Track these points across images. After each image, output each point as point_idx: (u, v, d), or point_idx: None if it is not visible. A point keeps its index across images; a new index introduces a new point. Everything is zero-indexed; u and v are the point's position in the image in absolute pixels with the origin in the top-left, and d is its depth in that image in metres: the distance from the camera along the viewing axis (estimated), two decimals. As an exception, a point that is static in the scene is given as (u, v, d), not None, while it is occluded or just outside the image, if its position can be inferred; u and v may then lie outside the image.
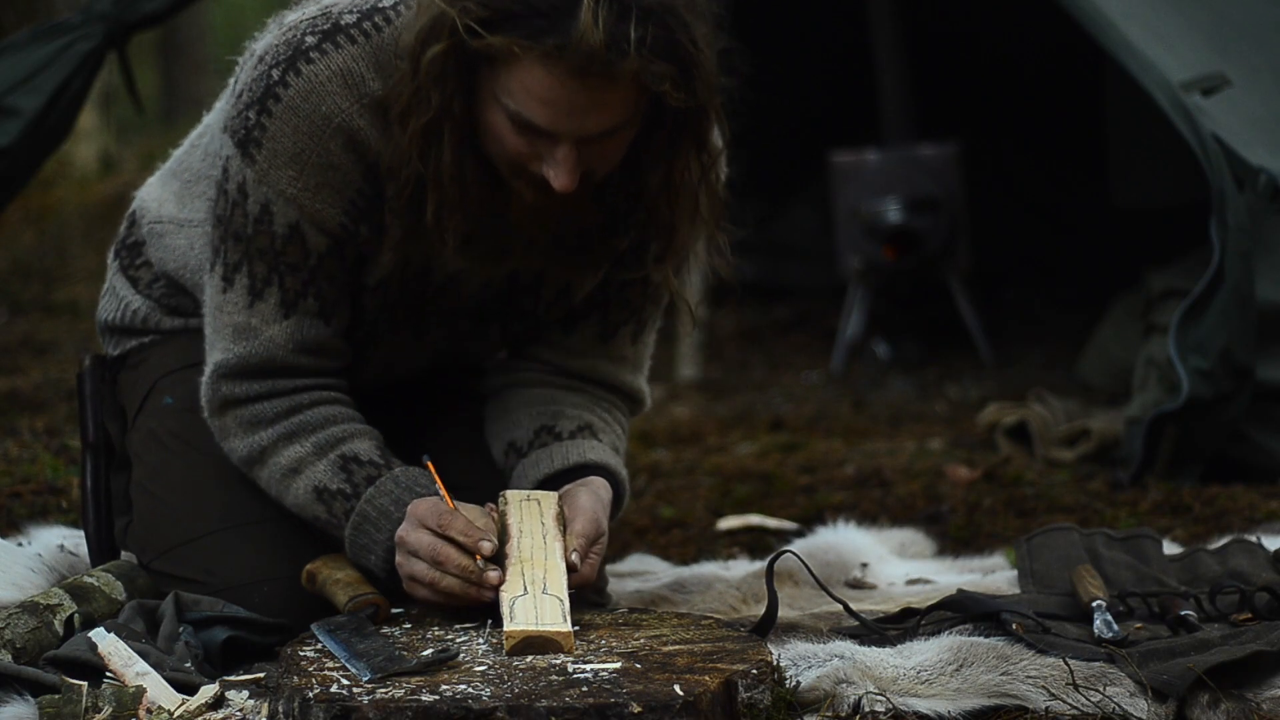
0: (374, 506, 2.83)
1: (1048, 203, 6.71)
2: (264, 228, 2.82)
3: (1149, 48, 4.38)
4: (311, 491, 2.87)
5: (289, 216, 2.81)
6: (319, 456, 2.87)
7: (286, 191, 2.80)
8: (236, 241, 2.84)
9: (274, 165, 2.79)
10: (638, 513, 4.21)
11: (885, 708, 2.63)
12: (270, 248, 2.83)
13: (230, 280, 2.86)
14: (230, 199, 2.84)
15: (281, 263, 2.84)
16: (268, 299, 2.85)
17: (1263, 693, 2.64)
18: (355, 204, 2.83)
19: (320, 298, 2.87)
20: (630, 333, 3.07)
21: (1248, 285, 4.18)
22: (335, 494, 2.85)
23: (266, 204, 2.81)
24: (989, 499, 4.25)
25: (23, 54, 4.53)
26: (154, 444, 3.05)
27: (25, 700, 2.62)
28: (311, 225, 2.82)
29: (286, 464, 2.88)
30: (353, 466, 2.86)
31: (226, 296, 2.87)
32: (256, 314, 2.86)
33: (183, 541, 2.96)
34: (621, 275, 3.00)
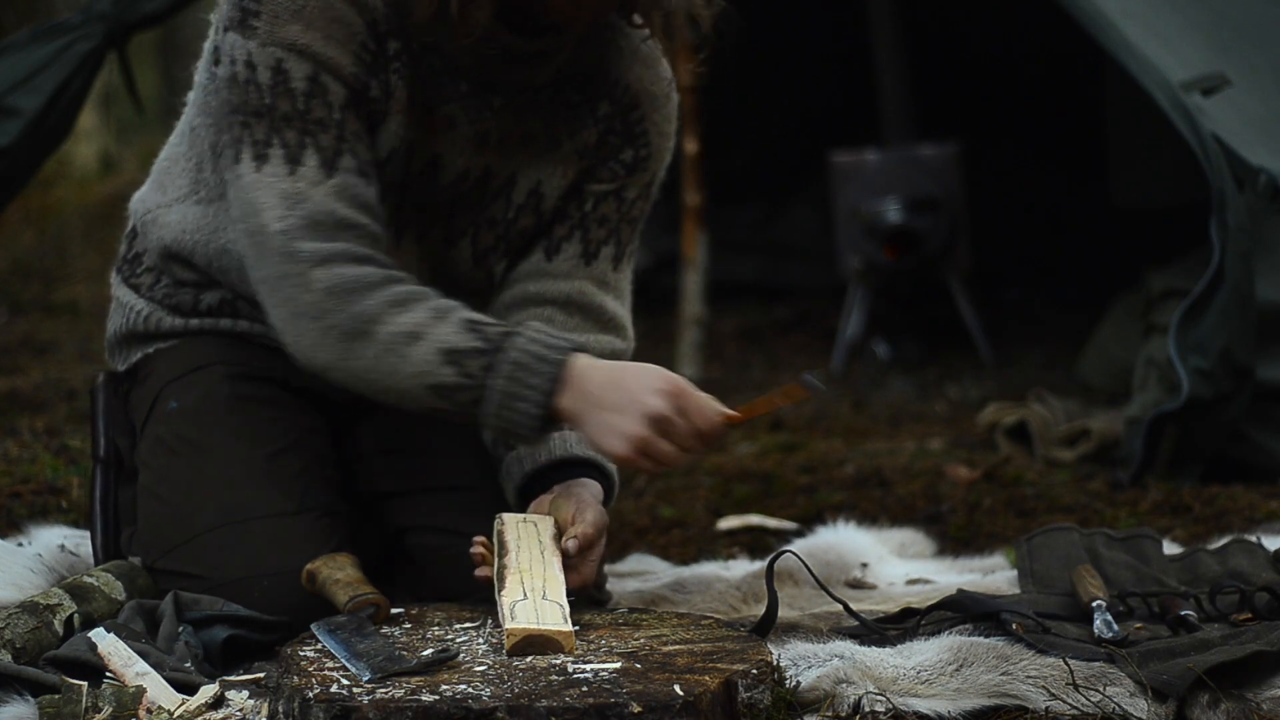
0: (525, 352, 2.75)
1: (1048, 203, 6.72)
2: (282, 89, 2.81)
3: (1149, 48, 4.38)
4: (438, 353, 2.75)
5: (304, 69, 2.81)
6: (440, 320, 2.78)
7: (297, 43, 2.80)
8: (258, 117, 2.82)
9: (277, 25, 2.80)
10: (638, 513, 4.21)
11: (885, 708, 2.63)
12: (293, 110, 2.81)
13: (264, 156, 2.82)
14: (240, 80, 2.82)
15: (309, 121, 2.81)
16: (306, 162, 2.82)
17: (1263, 693, 2.64)
18: (361, 56, 2.84)
19: (355, 156, 2.84)
20: (611, 255, 3.09)
21: (1248, 285, 4.18)
22: (468, 351, 2.75)
23: (278, 63, 2.81)
24: (989, 499, 4.25)
25: (23, 54, 4.54)
26: (160, 448, 3.06)
27: (25, 700, 2.62)
28: (328, 74, 2.82)
29: (405, 329, 2.76)
30: (480, 326, 2.78)
31: (263, 172, 2.81)
32: (301, 179, 2.81)
33: (185, 540, 2.96)
34: (596, 186, 3.05)
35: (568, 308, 3.05)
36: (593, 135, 3.03)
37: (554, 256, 3.07)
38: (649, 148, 3.06)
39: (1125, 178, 4.96)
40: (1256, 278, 4.21)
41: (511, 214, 3.04)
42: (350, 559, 2.86)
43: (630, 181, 3.07)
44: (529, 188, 3.04)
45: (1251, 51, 4.75)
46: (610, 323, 3.10)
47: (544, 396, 2.74)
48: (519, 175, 3.02)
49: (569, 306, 3.05)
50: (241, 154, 2.84)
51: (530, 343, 2.76)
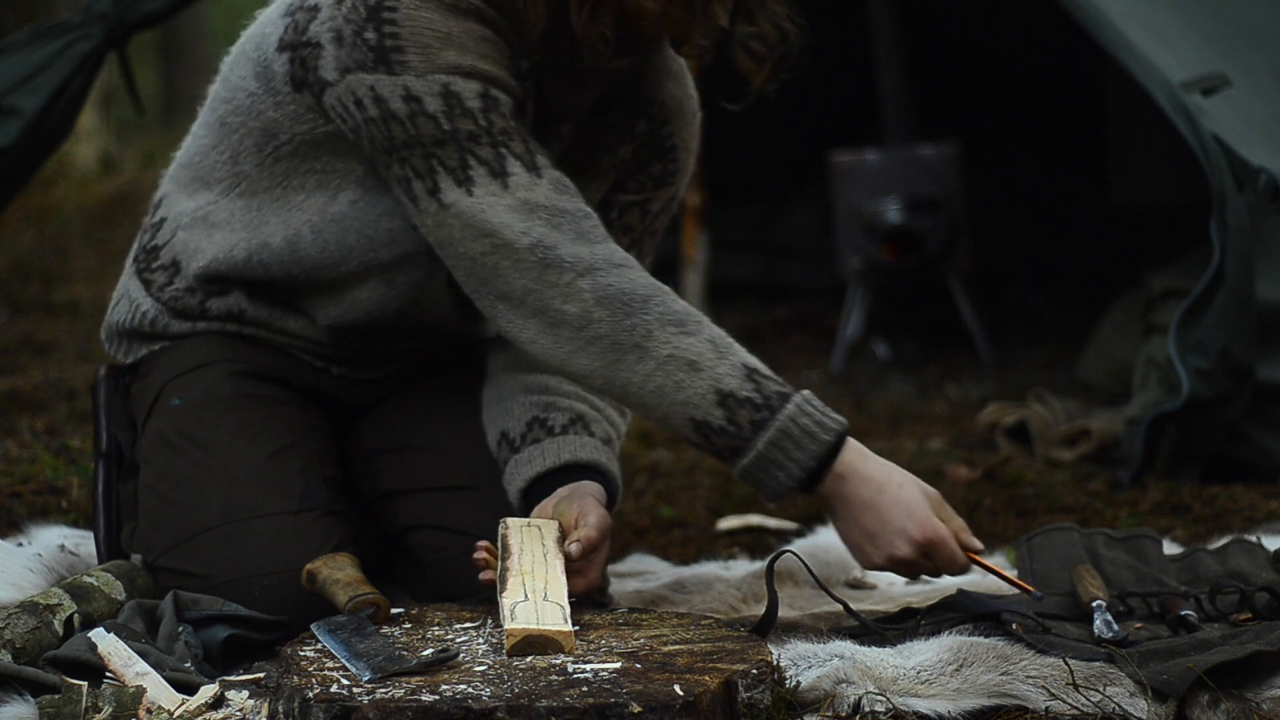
0: (797, 425, 2.75)
1: (1048, 203, 6.71)
2: (458, 111, 2.79)
3: (1149, 48, 4.38)
4: (713, 392, 2.75)
5: (474, 87, 2.79)
6: (720, 357, 2.78)
7: (460, 65, 2.79)
8: (442, 145, 2.79)
9: (430, 54, 2.78)
10: (638, 513, 4.21)
11: (885, 708, 2.63)
12: (477, 128, 2.79)
13: (468, 179, 2.79)
14: (401, 118, 2.79)
15: (495, 133, 2.79)
16: (513, 171, 2.80)
17: (1263, 693, 2.64)
18: (515, 70, 2.85)
19: (543, 152, 2.84)
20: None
21: (1248, 285, 4.18)
22: (743, 401, 2.76)
23: (446, 88, 2.79)
24: (989, 499, 4.25)
25: (23, 54, 4.53)
26: (161, 445, 3.06)
27: (25, 700, 2.62)
28: (496, 88, 2.81)
29: (683, 356, 2.75)
30: (758, 377, 2.79)
31: (476, 195, 2.78)
32: (517, 188, 2.79)
33: (186, 537, 2.96)
34: (624, 196, 3.08)
35: None
36: (628, 151, 3.07)
37: None
38: (676, 163, 3.10)
39: (1125, 178, 4.96)
40: (1256, 278, 4.21)
41: None
42: (350, 559, 2.86)
43: (656, 195, 3.11)
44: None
45: (1251, 51, 4.75)
46: None
47: (804, 474, 2.76)
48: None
49: None
50: (440, 184, 2.80)
51: (803, 415, 2.76)
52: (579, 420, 2.99)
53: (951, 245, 6.17)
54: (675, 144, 3.10)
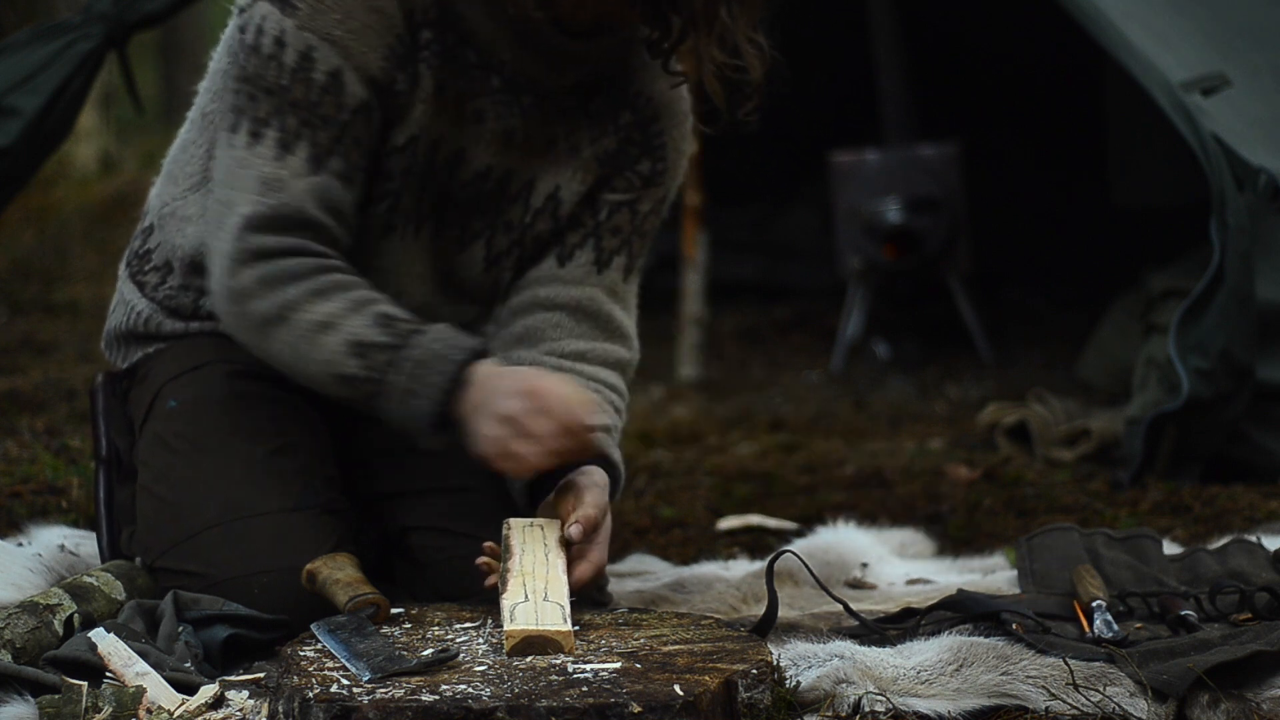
0: (427, 350, 2.80)
1: (1048, 203, 6.71)
2: (302, 76, 2.84)
3: (1149, 48, 4.38)
4: (346, 345, 2.81)
5: (331, 62, 2.84)
6: (355, 312, 2.83)
7: (332, 34, 2.83)
8: (269, 95, 2.85)
9: (318, 10, 2.83)
10: (638, 513, 4.21)
11: (885, 708, 2.63)
12: (305, 98, 2.84)
13: (259, 134, 2.86)
14: (263, 53, 2.85)
15: (314, 115, 2.85)
16: (297, 152, 2.85)
17: (1263, 693, 2.64)
18: (395, 50, 2.87)
19: (346, 160, 2.88)
20: (622, 265, 3.11)
21: (1248, 285, 4.18)
22: (376, 345, 2.80)
23: (308, 50, 2.83)
24: (989, 499, 4.25)
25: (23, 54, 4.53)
26: (159, 447, 3.06)
27: (25, 700, 2.62)
28: (353, 71, 2.85)
29: (319, 318, 2.83)
30: (393, 322, 2.83)
31: (254, 150, 2.86)
32: (286, 166, 2.85)
33: (184, 537, 2.96)
34: (611, 195, 3.07)
35: (576, 314, 3.07)
36: (612, 142, 3.05)
37: (566, 263, 3.09)
38: (665, 162, 3.09)
39: (1125, 178, 4.96)
40: (1256, 278, 4.21)
41: (529, 218, 3.05)
42: (350, 559, 2.86)
43: (645, 194, 3.10)
44: (547, 192, 3.05)
45: (1251, 51, 4.75)
46: (617, 332, 3.11)
47: (441, 394, 2.78)
48: (538, 179, 3.04)
49: (578, 313, 3.07)
50: (240, 124, 2.88)
51: (434, 341, 2.80)
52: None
53: (951, 245, 6.17)
54: (665, 142, 3.09)
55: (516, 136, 2.99)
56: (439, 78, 2.92)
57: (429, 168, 2.98)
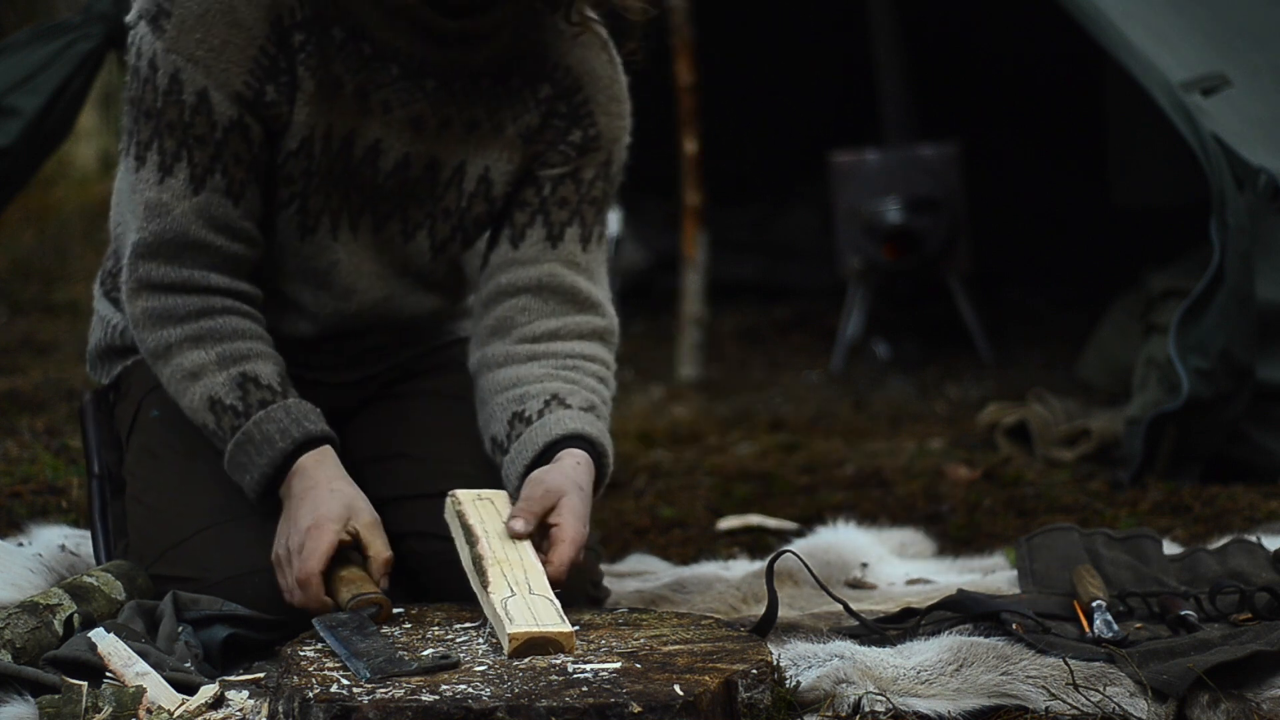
0: (260, 430, 2.88)
1: (1048, 203, 6.71)
2: (173, 99, 2.88)
3: (1149, 48, 4.38)
4: (206, 400, 2.91)
5: (196, 83, 2.87)
6: (221, 368, 2.92)
7: (194, 54, 2.86)
8: (148, 119, 2.90)
9: (182, 30, 2.86)
10: (638, 513, 4.21)
11: (885, 708, 2.63)
12: (179, 120, 2.88)
13: (142, 158, 2.92)
14: (141, 76, 2.90)
15: (190, 135, 2.89)
16: (177, 174, 2.90)
17: (1263, 693, 2.64)
18: (259, 63, 2.88)
19: (227, 175, 2.91)
20: (577, 236, 3.09)
21: (1248, 285, 4.18)
22: (227, 408, 2.90)
23: (175, 72, 2.87)
24: (989, 499, 4.25)
25: (23, 54, 4.53)
26: (145, 457, 3.07)
27: (25, 700, 2.61)
28: (218, 90, 2.88)
29: (189, 367, 2.92)
30: (250, 386, 2.91)
31: (140, 175, 2.92)
32: (167, 189, 2.91)
33: (174, 543, 2.96)
34: (549, 170, 3.06)
35: (540, 293, 3.06)
36: (535, 118, 3.04)
37: (520, 243, 3.08)
38: (596, 128, 3.06)
39: (1125, 178, 4.96)
40: (1256, 278, 4.21)
41: (465, 203, 3.06)
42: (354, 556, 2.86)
43: (584, 162, 3.07)
44: (478, 174, 3.05)
45: (1251, 51, 4.75)
46: (586, 302, 3.09)
47: (263, 479, 2.89)
48: (467, 163, 3.04)
49: (542, 291, 3.06)
50: (129, 147, 2.94)
51: (269, 423, 2.89)
52: (554, 399, 2.98)
53: (951, 245, 6.17)
54: (591, 109, 3.06)
55: (428, 122, 2.98)
56: (328, 75, 2.92)
57: (346, 164, 2.98)
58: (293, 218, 3.00)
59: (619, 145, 3.11)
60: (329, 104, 2.93)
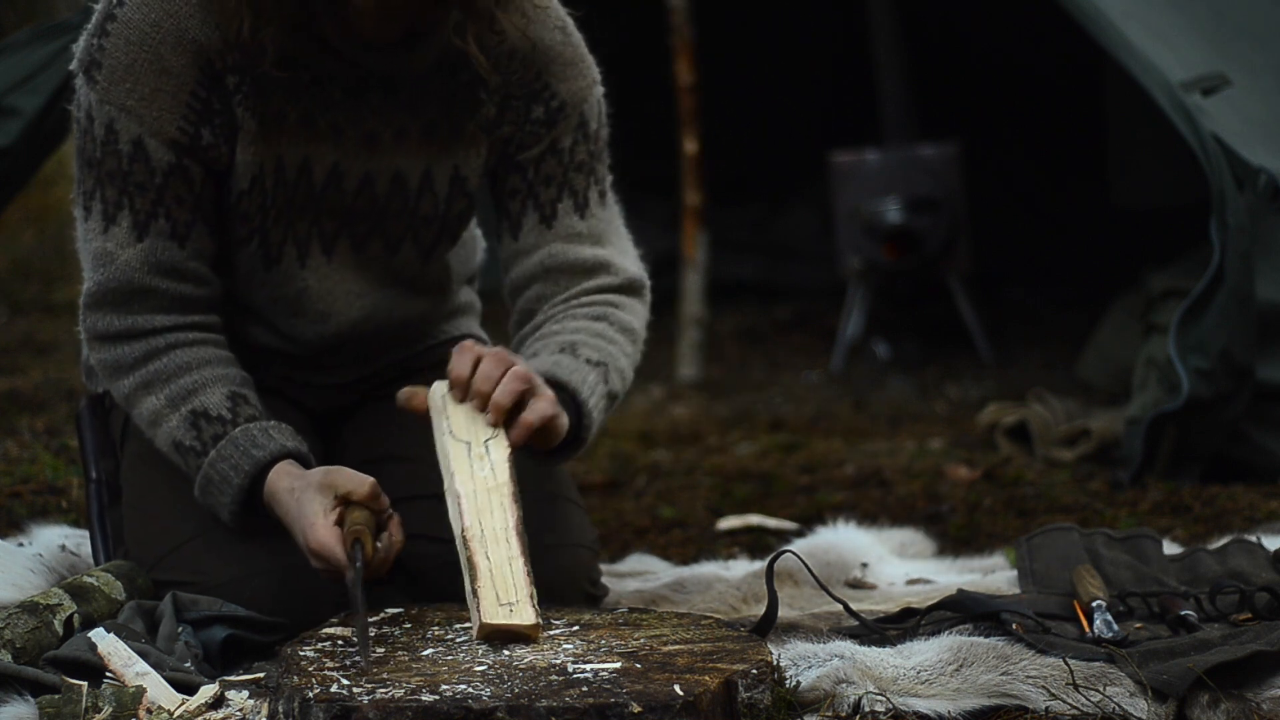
0: (216, 471, 2.89)
1: (1048, 203, 6.72)
2: (111, 148, 2.89)
3: (1149, 48, 4.38)
4: (171, 444, 2.93)
5: (131, 132, 2.88)
6: (172, 410, 2.93)
7: (126, 103, 2.87)
8: (90, 168, 2.92)
9: (113, 81, 2.87)
10: (638, 513, 4.21)
11: (885, 708, 2.63)
12: (118, 169, 2.90)
13: (89, 209, 2.93)
14: (81, 128, 2.92)
15: (130, 183, 2.90)
16: (120, 222, 2.92)
17: (1263, 693, 2.64)
18: (192, 107, 2.89)
19: (170, 219, 2.92)
20: (570, 207, 3.07)
21: (1248, 285, 4.18)
22: (188, 449, 2.91)
23: (110, 122, 2.88)
24: (989, 499, 4.25)
25: (23, 54, 4.53)
26: (139, 464, 3.07)
27: (25, 700, 2.62)
28: (152, 138, 2.89)
29: (148, 415, 2.95)
30: (201, 423, 2.91)
31: (88, 225, 2.94)
32: (112, 238, 2.92)
33: (171, 549, 2.96)
34: (526, 153, 3.04)
35: (547, 277, 3.05)
36: (491, 108, 3.02)
37: (518, 234, 3.07)
38: (558, 98, 3.03)
39: (1125, 178, 4.96)
40: (1256, 278, 4.21)
41: (443, 206, 3.04)
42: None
43: (558, 133, 3.04)
44: (448, 175, 3.03)
45: (1251, 51, 4.75)
46: (595, 268, 3.07)
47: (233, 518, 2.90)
48: (433, 168, 3.01)
49: (547, 276, 3.05)
50: (78, 197, 2.96)
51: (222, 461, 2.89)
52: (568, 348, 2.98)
53: (951, 245, 6.17)
54: (547, 80, 3.02)
55: (382, 136, 2.96)
56: (270, 109, 2.91)
57: (309, 192, 2.97)
58: (255, 252, 3.00)
59: (589, 104, 3.06)
60: (275, 137, 2.93)
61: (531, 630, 2.61)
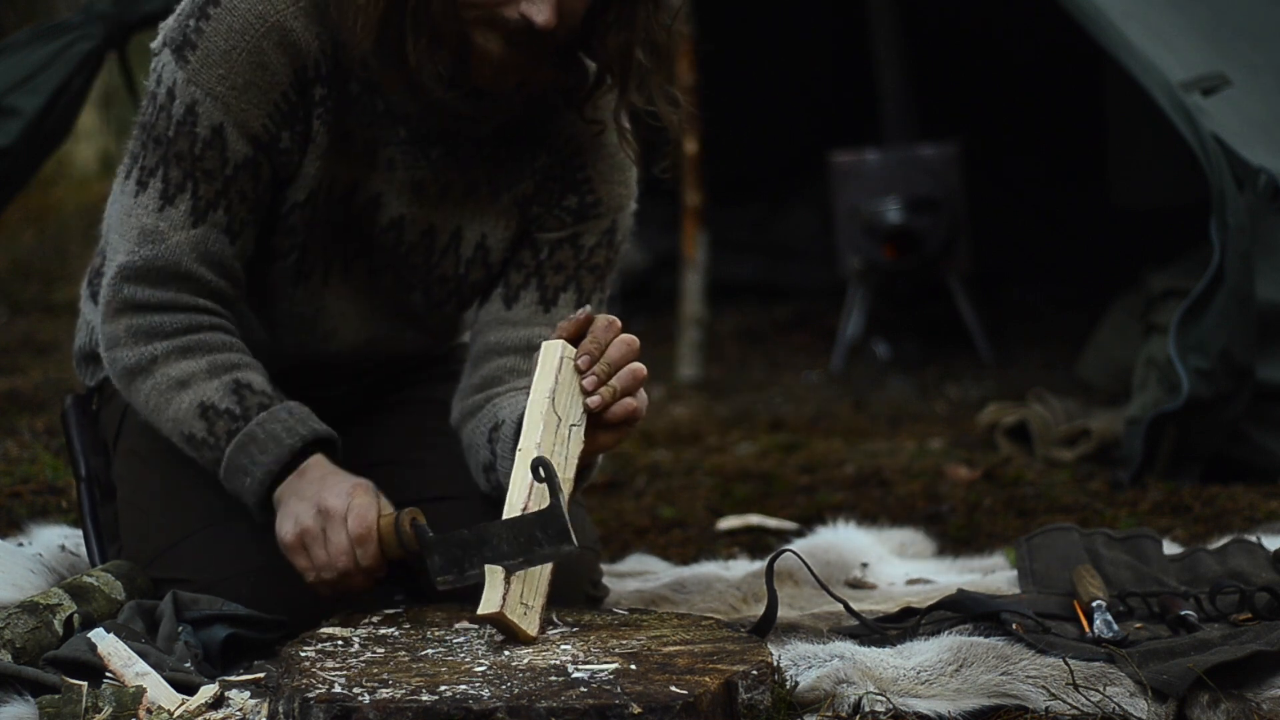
0: (264, 430, 2.85)
1: (1048, 203, 6.72)
2: (186, 129, 2.86)
3: (1149, 48, 4.38)
4: (197, 407, 2.87)
5: (213, 118, 2.85)
6: (212, 376, 2.88)
7: (215, 90, 2.84)
8: (157, 145, 2.88)
9: (205, 65, 2.84)
10: (638, 513, 4.21)
11: (885, 708, 2.63)
12: (189, 151, 2.86)
13: (144, 184, 2.89)
14: (158, 103, 2.88)
15: (198, 168, 2.87)
16: (179, 205, 2.88)
17: (1263, 693, 2.64)
18: (280, 107, 2.87)
19: (230, 212, 2.89)
20: (572, 301, 3.05)
21: (1248, 285, 4.18)
22: (223, 413, 2.86)
23: (193, 104, 2.85)
24: (989, 499, 4.25)
25: (23, 54, 4.54)
26: (135, 462, 3.06)
27: (25, 700, 2.62)
28: (235, 128, 2.86)
29: (177, 376, 2.88)
30: (245, 392, 2.88)
31: (138, 200, 2.90)
32: (165, 219, 2.88)
33: (168, 546, 2.96)
34: (546, 234, 3.03)
35: (528, 354, 3.00)
36: (529, 186, 3.01)
37: (513, 304, 3.04)
38: (595, 194, 3.02)
39: (1125, 178, 4.96)
40: (1256, 278, 4.21)
41: (462, 269, 3.03)
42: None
43: (584, 229, 3.03)
44: (475, 241, 3.02)
45: (1251, 51, 4.76)
46: None
47: (268, 477, 2.84)
48: (464, 228, 3.01)
49: (529, 353, 2.99)
50: (131, 170, 2.92)
51: (274, 422, 2.85)
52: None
53: (951, 245, 6.17)
54: (590, 176, 3.01)
55: (428, 188, 2.96)
56: (340, 128, 2.91)
57: (345, 213, 2.96)
58: (290, 266, 2.99)
59: (623, 214, 3.06)
60: (338, 156, 2.92)
61: (528, 639, 2.61)
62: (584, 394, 2.68)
